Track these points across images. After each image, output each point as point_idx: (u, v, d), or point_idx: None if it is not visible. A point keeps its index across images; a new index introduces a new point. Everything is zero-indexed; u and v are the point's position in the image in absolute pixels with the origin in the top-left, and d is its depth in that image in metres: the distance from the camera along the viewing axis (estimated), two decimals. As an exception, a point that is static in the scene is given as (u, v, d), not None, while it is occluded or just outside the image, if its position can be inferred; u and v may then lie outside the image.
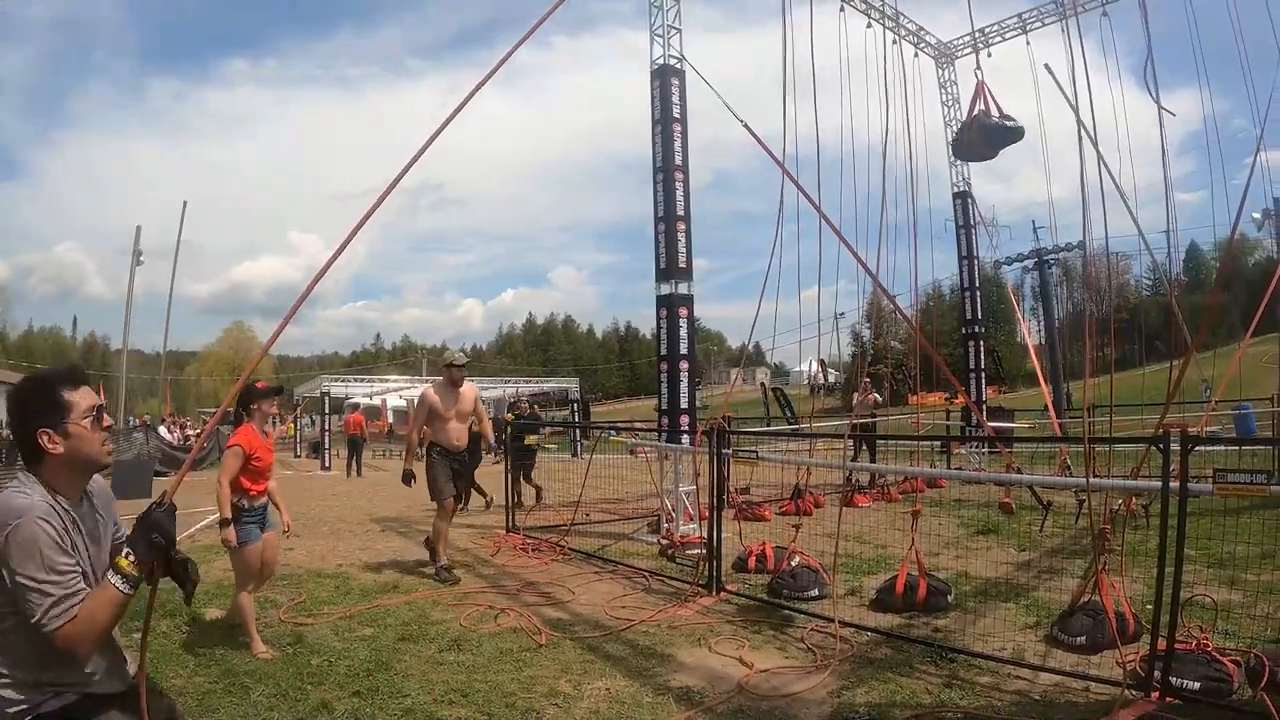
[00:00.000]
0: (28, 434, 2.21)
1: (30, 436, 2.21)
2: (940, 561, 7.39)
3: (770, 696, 4.53)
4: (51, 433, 2.21)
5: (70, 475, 2.27)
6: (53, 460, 2.22)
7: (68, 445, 2.23)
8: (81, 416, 2.26)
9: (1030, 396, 41.42)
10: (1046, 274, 27.92)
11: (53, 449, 2.21)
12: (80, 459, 2.27)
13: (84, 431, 2.26)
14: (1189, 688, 4.24)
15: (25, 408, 2.24)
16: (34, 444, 2.21)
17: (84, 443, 2.26)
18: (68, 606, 2.07)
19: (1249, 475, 4.53)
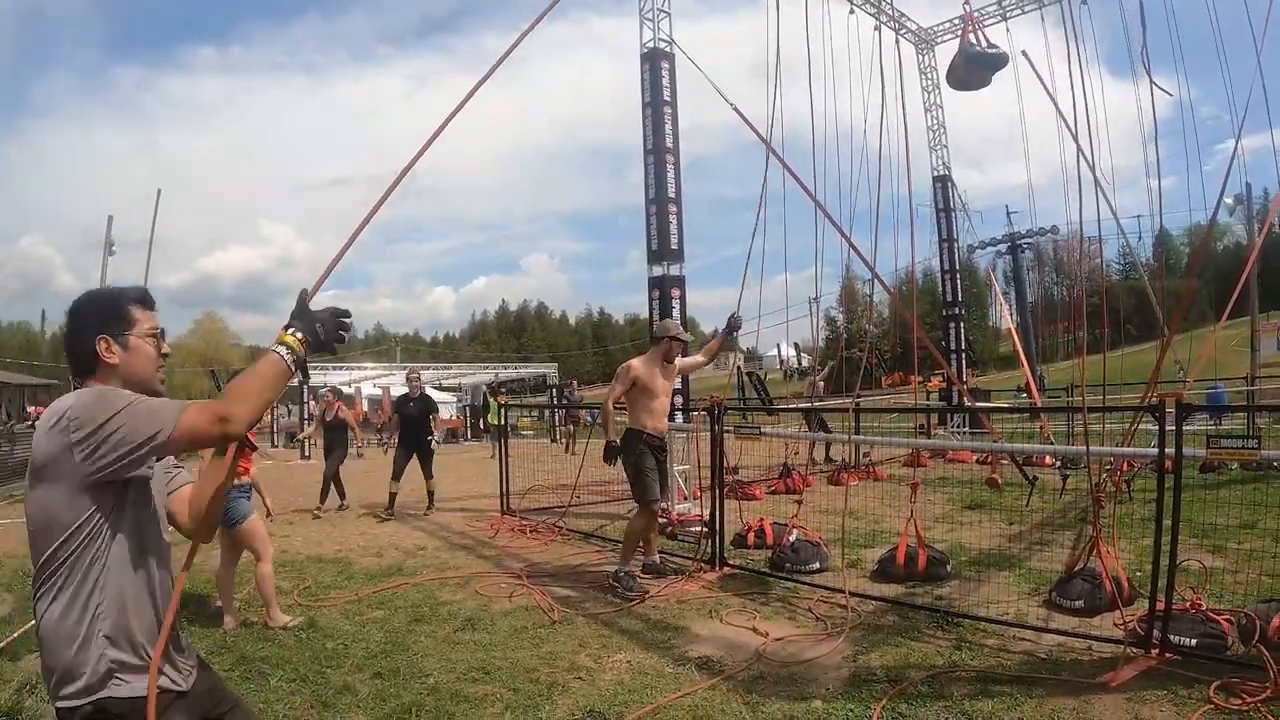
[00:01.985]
0: (85, 340, 2.10)
1: (88, 343, 2.09)
2: (934, 534, 7.57)
3: (789, 663, 4.67)
4: (111, 340, 2.11)
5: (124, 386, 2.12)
6: (105, 370, 2.11)
7: (124, 358, 2.12)
8: (144, 334, 2.17)
9: (1004, 379, 41.98)
10: (1020, 258, 28.24)
11: (108, 357, 2.10)
12: (134, 375, 2.14)
13: (144, 348, 2.16)
14: (1187, 644, 4.43)
15: (88, 314, 2.14)
16: (90, 351, 2.09)
17: (141, 359, 2.16)
18: (169, 402, 2.00)
19: (1240, 440, 4.73)
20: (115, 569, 1.98)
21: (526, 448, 17.49)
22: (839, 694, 4.20)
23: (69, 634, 1.93)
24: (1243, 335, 20.71)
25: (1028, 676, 4.30)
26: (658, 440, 6.94)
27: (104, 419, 1.89)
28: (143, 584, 2.04)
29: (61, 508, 1.93)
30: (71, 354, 2.14)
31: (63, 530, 1.93)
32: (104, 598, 1.96)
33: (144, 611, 2.03)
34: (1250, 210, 22.23)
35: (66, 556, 1.94)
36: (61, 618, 1.94)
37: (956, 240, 20.16)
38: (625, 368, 6.89)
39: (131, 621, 1.99)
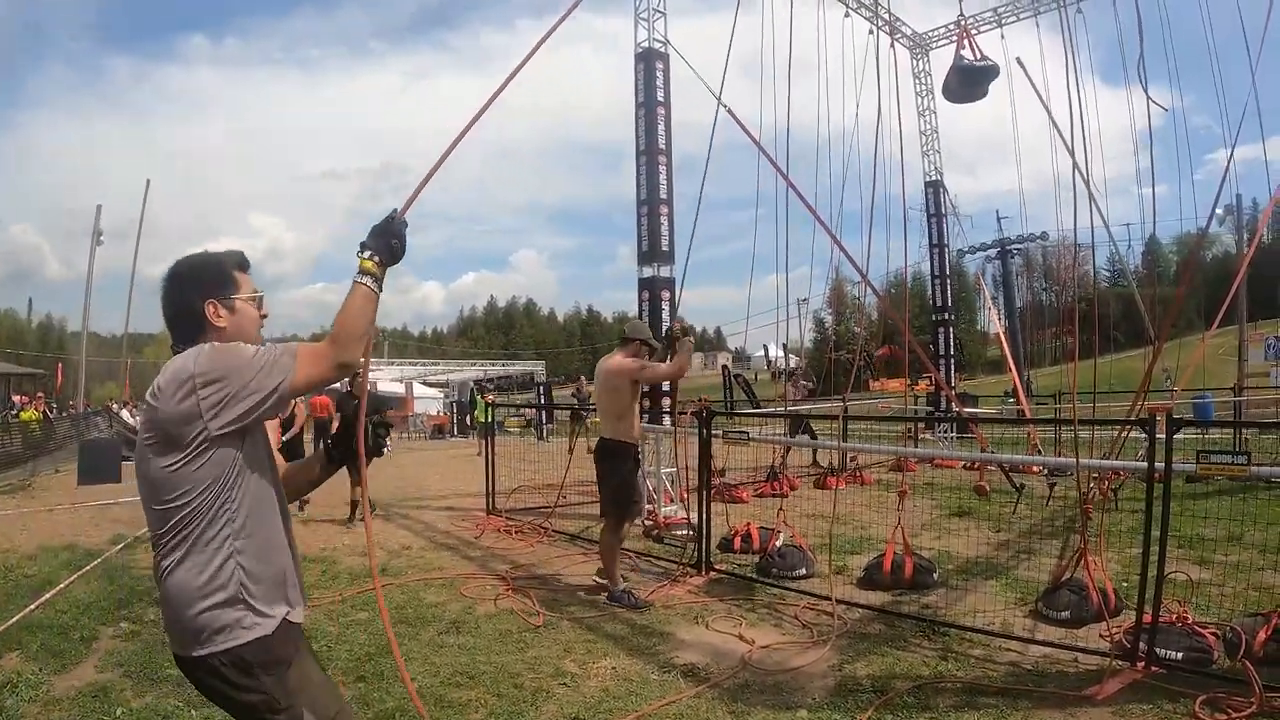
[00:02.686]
0: (194, 304, 2.15)
1: (196, 306, 2.15)
2: (921, 541, 7.54)
3: (774, 671, 4.65)
4: (219, 304, 2.16)
5: None
6: (212, 333, 2.15)
7: (232, 320, 2.18)
8: (247, 297, 2.24)
9: (992, 384, 42.15)
10: (1009, 263, 28.36)
11: (216, 320, 2.15)
12: (239, 337, 2.19)
13: (248, 310, 2.23)
14: (1172, 658, 4.43)
15: (193, 278, 2.19)
16: (199, 314, 2.15)
17: (246, 321, 2.22)
18: (283, 349, 2.06)
19: (1230, 455, 4.73)
20: (241, 521, 2.06)
21: (513, 445, 17.45)
22: (824, 703, 4.18)
23: (198, 589, 2.00)
24: (1231, 344, 20.82)
25: (1013, 688, 4.28)
26: (638, 451, 6.73)
27: (230, 374, 1.97)
28: (269, 531, 2.14)
29: (189, 466, 1.99)
30: (177, 318, 2.18)
31: (189, 489, 2.00)
32: (232, 549, 2.04)
33: (273, 556, 2.13)
34: (1240, 220, 22.36)
35: (192, 514, 2.01)
36: (188, 574, 2.01)
37: (947, 245, 20.22)
38: (625, 366, 6.32)
39: (260, 568, 2.07)
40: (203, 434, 1.98)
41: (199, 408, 1.96)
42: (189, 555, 2.02)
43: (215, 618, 2.00)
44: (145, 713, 4.13)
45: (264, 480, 2.15)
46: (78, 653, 5.05)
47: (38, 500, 12.23)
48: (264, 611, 2.05)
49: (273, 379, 1.99)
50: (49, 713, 4.17)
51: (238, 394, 1.97)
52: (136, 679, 4.61)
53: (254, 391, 1.98)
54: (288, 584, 2.15)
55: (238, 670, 2.01)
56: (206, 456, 2.00)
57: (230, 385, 1.97)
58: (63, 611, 5.92)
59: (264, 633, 2.04)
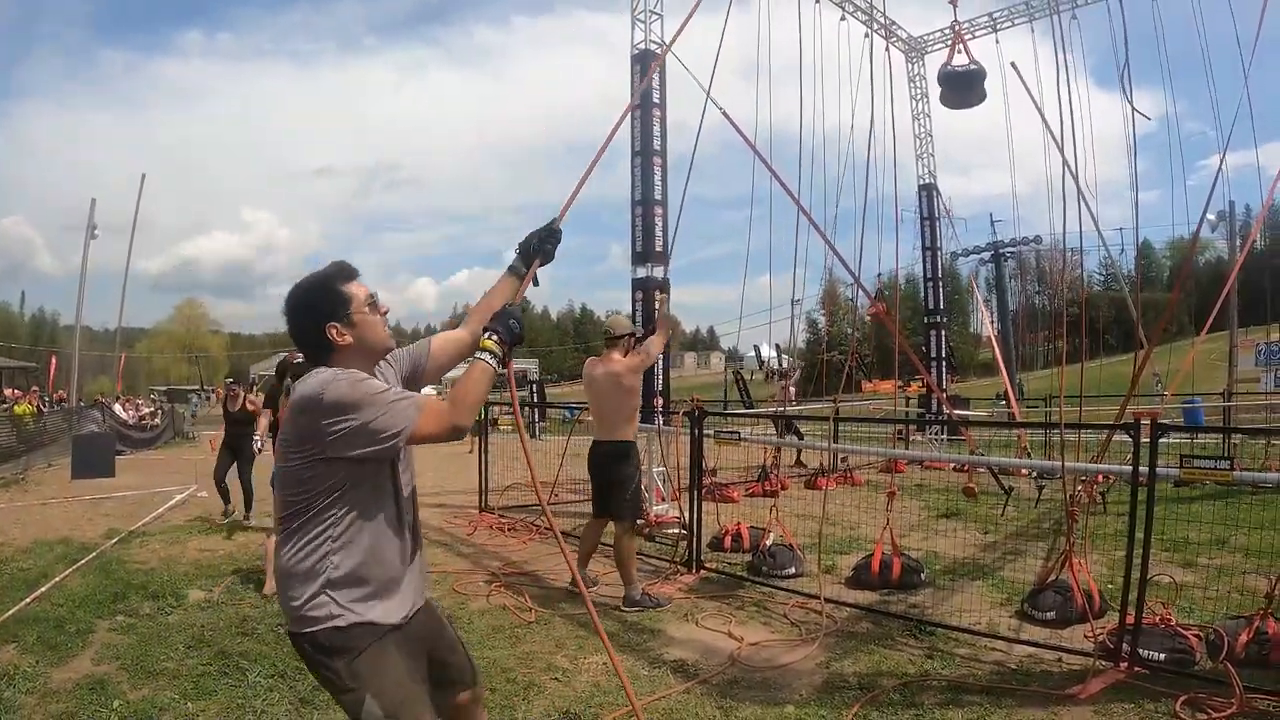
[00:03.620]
0: (317, 330, 2.29)
1: (319, 333, 2.28)
2: (909, 542, 7.63)
3: (762, 668, 4.72)
4: (339, 325, 2.29)
5: (360, 364, 2.33)
6: (342, 352, 2.30)
7: (355, 334, 2.31)
8: (363, 306, 2.34)
9: (984, 386, 42.24)
10: (1002, 266, 28.46)
11: (341, 341, 2.29)
12: (367, 346, 2.35)
13: (368, 318, 2.34)
14: (1155, 659, 4.49)
15: (309, 306, 2.32)
16: (323, 339, 2.28)
17: (370, 329, 2.35)
18: (411, 401, 2.19)
19: (1213, 460, 4.80)
20: (343, 528, 2.22)
21: (506, 443, 17.45)
22: (812, 700, 4.24)
23: (294, 574, 2.20)
24: (1221, 350, 20.93)
25: (998, 687, 4.35)
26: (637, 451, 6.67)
27: (357, 411, 2.11)
28: (374, 542, 2.27)
29: (305, 472, 2.18)
30: (304, 346, 2.36)
31: (302, 490, 2.19)
32: (328, 549, 2.20)
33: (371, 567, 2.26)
34: (1233, 226, 22.48)
35: (301, 510, 2.20)
36: (289, 559, 2.21)
37: (940, 248, 20.30)
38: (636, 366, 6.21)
39: (353, 572, 2.22)
40: (320, 454, 2.15)
41: (321, 433, 2.12)
42: (292, 543, 2.22)
43: (302, 603, 2.20)
44: (142, 705, 4.17)
45: (379, 497, 2.29)
46: (74, 646, 5.09)
47: (31, 494, 12.25)
48: (345, 607, 2.20)
49: (396, 424, 2.14)
50: (46, 705, 4.21)
51: (359, 430, 2.12)
52: (133, 672, 4.66)
53: (375, 431, 2.13)
54: (383, 592, 2.28)
55: (315, 649, 2.21)
56: (320, 469, 2.17)
57: (355, 421, 2.11)
58: (58, 605, 5.96)
59: (339, 624, 2.19)
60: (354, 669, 2.20)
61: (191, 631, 5.39)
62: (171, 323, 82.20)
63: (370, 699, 2.19)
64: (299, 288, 2.38)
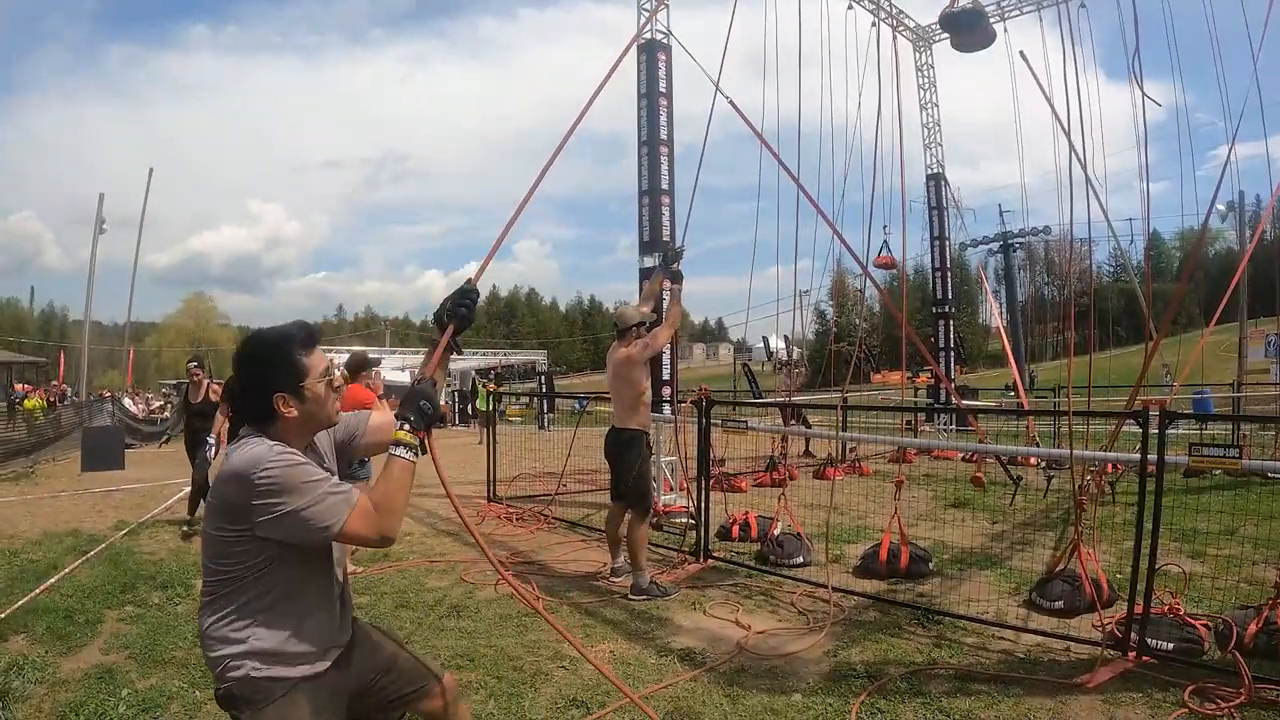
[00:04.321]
0: (262, 396, 2.17)
1: (265, 399, 2.17)
2: (917, 532, 7.62)
3: (769, 656, 4.72)
4: (288, 397, 2.18)
5: (299, 435, 2.25)
6: (286, 423, 2.19)
7: (303, 409, 2.21)
8: (318, 380, 2.23)
9: (992, 377, 42.16)
10: (1011, 257, 28.33)
11: (288, 413, 2.18)
12: (314, 422, 2.26)
13: (320, 394, 2.23)
14: (1164, 648, 4.48)
15: (261, 369, 2.21)
16: (268, 407, 2.17)
17: (319, 405, 2.24)
18: (344, 497, 2.09)
19: (1222, 449, 4.77)
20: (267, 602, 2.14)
21: (515, 434, 17.54)
22: (819, 688, 4.24)
23: (221, 639, 2.12)
24: (1231, 341, 20.85)
25: (1006, 675, 4.34)
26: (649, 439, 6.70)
27: (286, 497, 2.03)
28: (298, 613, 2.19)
29: (237, 547, 2.09)
30: (247, 408, 2.22)
31: (227, 561, 2.11)
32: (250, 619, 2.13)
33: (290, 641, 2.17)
34: (1242, 216, 22.35)
35: (224, 580, 2.12)
36: (217, 628, 2.13)
37: (948, 238, 20.21)
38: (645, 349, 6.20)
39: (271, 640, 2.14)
40: (249, 530, 2.07)
41: (250, 512, 2.05)
42: (216, 612, 2.13)
43: (221, 664, 2.12)
44: (151, 694, 4.19)
45: (309, 573, 2.23)
46: (83, 636, 5.12)
47: (41, 487, 12.31)
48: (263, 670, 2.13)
49: (325, 519, 2.06)
50: (56, 694, 4.23)
51: (287, 516, 2.04)
52: (142, 661, 4.68)
53: (305, 520, 2.05)
54: (306, 659, 2.20)
55: (226, 702, 2.16)
56: (248, 544, 2.09)
57: (285, 507, 2.03)
58: (68, 595, 5.99)
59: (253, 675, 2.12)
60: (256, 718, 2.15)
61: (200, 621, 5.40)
62: (180, 316, 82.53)
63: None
64: (254, 346, 2.28)
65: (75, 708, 4.03)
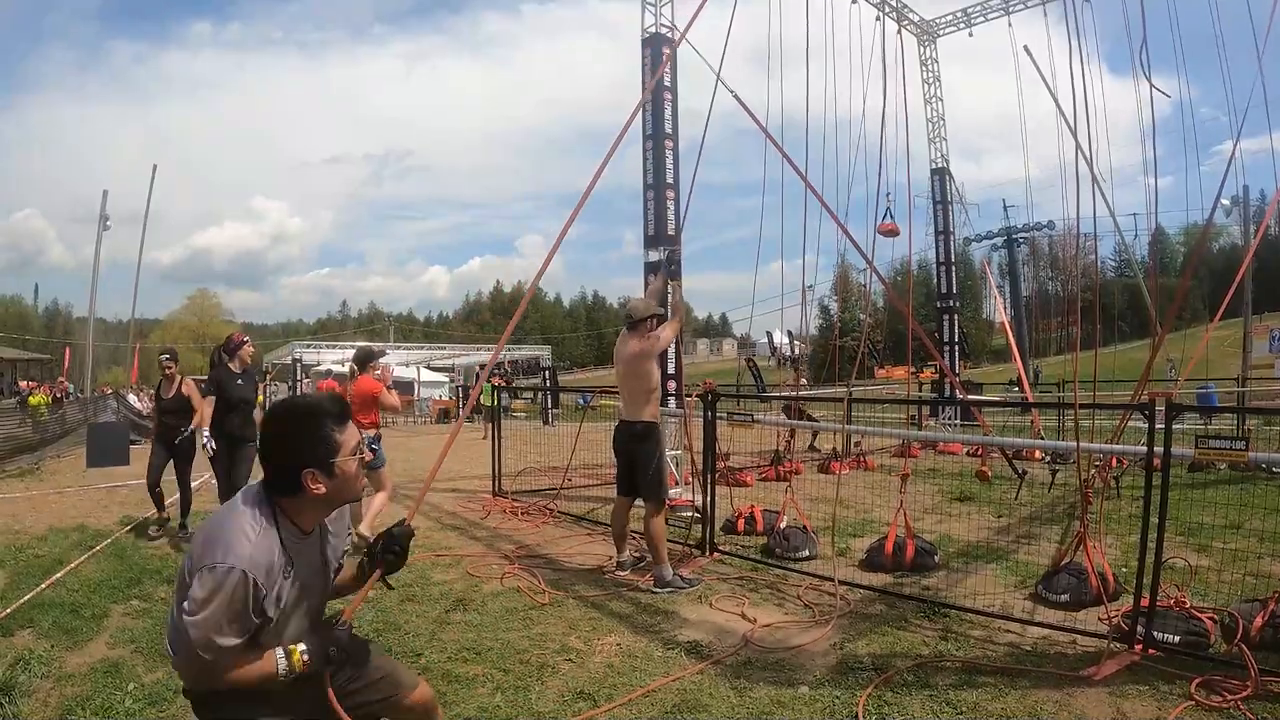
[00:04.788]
0: (291, 470, 2.16)
1: (295, 474, 2.15)
2: (923, 525, 7.62)
3: (776, 649, 4.72)
4: (317, 473, 2.16)
5: (318, 511, 2.26)
6: (310, 498, 2.19)
7: (331, 485, 2.19)
8: (350, 454, 2.22)
9: (997, 372, 42.08)
10: (1015, 252, 28.28)
11: (315, 489, 2.17)
12: (339, 499, 2.28)
13: (349, 470, 2.22)
14: (1170, 641, 4.48)
15: (294, 442, 2.18)
16: (295, 480, 2.16)
17: (348, 483, 2.24)
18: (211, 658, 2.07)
19: (1228, 441, 4.77)
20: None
21: (519, 429, 17.54)
22: (825, 681, 4.24)
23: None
24: (1235, 336, 20.81)
25: (1012, 668, 4.34)
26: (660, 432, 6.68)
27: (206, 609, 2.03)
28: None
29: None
30: (275, 471, 2.21)
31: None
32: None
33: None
34: (1246, 212, 22.30)
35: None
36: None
37: (953, 233, 20.21)
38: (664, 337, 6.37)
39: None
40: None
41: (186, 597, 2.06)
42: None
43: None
44: (157, 688, 4.19)
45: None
46: (89, 630, 5.11)
47: (47, 483, 12.32)
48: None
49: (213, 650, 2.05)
50: (62, 688, 4.23)
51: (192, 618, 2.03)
52: (148, 655, 4.68)
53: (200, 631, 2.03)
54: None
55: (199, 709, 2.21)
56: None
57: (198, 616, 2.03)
58: (74, 590, 5.99)
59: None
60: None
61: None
62: (184, 313, 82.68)
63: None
64: (288, 415, 2.29)
65: (82, 702, 4.03)
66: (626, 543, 6.61)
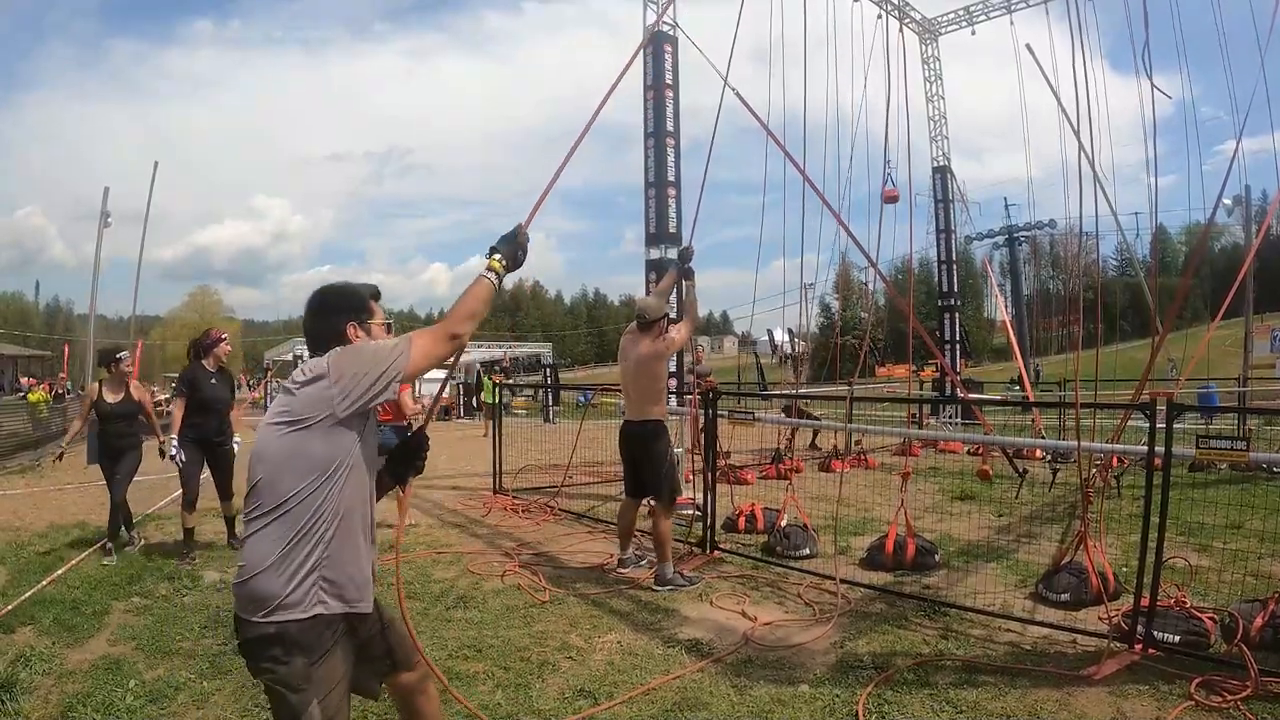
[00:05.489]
0: (335, 325, 2.46)
1: (337, 327, 2.46)
2: (923, 524, 7.61)
3: (776, 647, 4.73)
4: (357, 326, 2.48)
5: None
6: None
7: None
8: (379, 323, 2.57)
9: (997, 370, 42.09)
10: (1016, 250, 28.29)
11: (354, 339, 2.45)
12: None
13: (380, 333, 2.55)
14: (1170, 641, 4.49)
15: (337, 302, 2.53)
16: (339, 333, 2.45)
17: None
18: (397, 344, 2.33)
19: (1229, 441, 4.77)
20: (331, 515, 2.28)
21: (520, 426, 17.55)
22: (826, 679, 4.25)
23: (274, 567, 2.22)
24: (1236, 336, 20.80)
25: (1012, 667, 4.35)
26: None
27: (355, 367, 2.27)
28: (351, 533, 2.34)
29: (315, 447, 2.25)
30: (317, 334, 2.48)
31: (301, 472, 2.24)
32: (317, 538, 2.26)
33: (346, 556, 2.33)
34: (1249, 211, 22.28)
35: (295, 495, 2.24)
36: (266, 544, 2.23)
37: (954, 231, 20.22)
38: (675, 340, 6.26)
39: (331, 562, 2.29)
40: (328, 417, 2.25)
41: (329, 394, 2.24)
42: (269, 536, 2.24)
43: (272, 591, 2.21)
44: (158, 685, 4.20)
45: (360, 489, 2.38)
46: (90, 627, 5.13)
47: (47, 480, 12.32)
48: (319, 599, 2.27)
49: (389, 360, 2.28)
50: (63, 685, 4.24)
51: (361, 380, 2.25)
52: (149, 652, 4.69)
53: (376, 380, 2.27)
54: (349, 584, 2.33)
55: (274, 642, 2.23)
56: (324, 441, 2.26)
57: (354, 375, 2.25)
58: (74, 587, 6.01)
59: (308, 616, 2.24)
60: (310, 673, 2.25)
61: (207, 612, 5.42)
62: (184, 310, 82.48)
63: (315, 705, 2.26)
64: (333, 288, 2.61)
65: (83, 699, 4.04)
66: (631, 540, 6.61)
